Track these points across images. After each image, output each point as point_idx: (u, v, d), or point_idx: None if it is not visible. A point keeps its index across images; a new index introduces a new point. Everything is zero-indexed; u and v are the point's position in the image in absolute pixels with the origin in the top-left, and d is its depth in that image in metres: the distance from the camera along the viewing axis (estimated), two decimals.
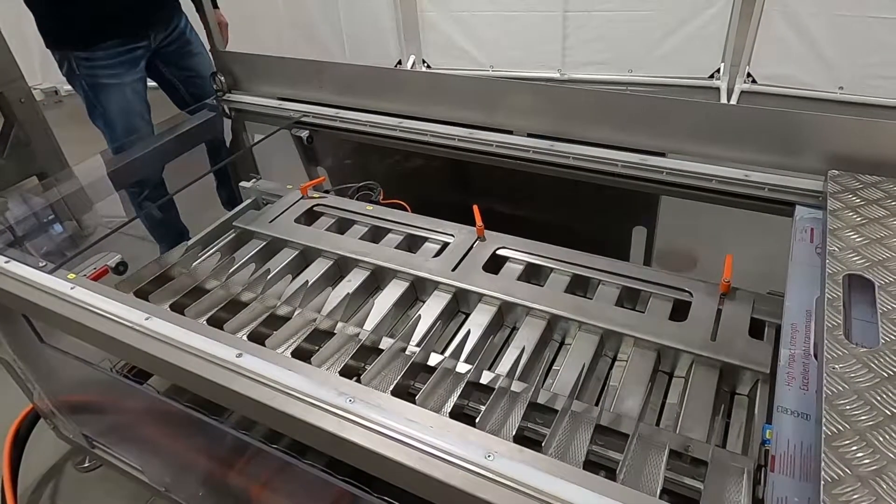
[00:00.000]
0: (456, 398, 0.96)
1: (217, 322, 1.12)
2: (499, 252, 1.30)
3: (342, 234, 1.43)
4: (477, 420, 0.88)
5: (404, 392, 1.00)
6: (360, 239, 1.40)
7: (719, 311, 1.10)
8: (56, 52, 1.81)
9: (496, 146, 1.43)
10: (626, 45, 3.65)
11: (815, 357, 0.83)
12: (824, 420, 0.68)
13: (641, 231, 1.43)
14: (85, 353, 1.23)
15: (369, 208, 1.48)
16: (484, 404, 0.92)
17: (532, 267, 1.29)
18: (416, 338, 1.11)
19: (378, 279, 1.32)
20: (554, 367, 1.11)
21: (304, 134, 1.67)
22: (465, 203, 1.39)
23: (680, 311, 1.13)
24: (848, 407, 0.69)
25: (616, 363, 1.11)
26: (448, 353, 1.04)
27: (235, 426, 1.07)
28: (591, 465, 0.91)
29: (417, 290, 1.29)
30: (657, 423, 0.99)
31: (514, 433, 0.88)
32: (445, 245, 1.33)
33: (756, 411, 0.95)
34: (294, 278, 1.29)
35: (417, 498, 0.76)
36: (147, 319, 0.97)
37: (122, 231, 1.44)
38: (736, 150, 1.27)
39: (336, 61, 1.68)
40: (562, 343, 1.17)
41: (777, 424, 0.76)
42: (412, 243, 1.41)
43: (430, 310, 1.19)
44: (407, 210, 1.54)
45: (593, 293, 1.22)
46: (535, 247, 1.30)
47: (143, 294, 1.18)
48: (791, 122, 1.20)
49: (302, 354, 1.06)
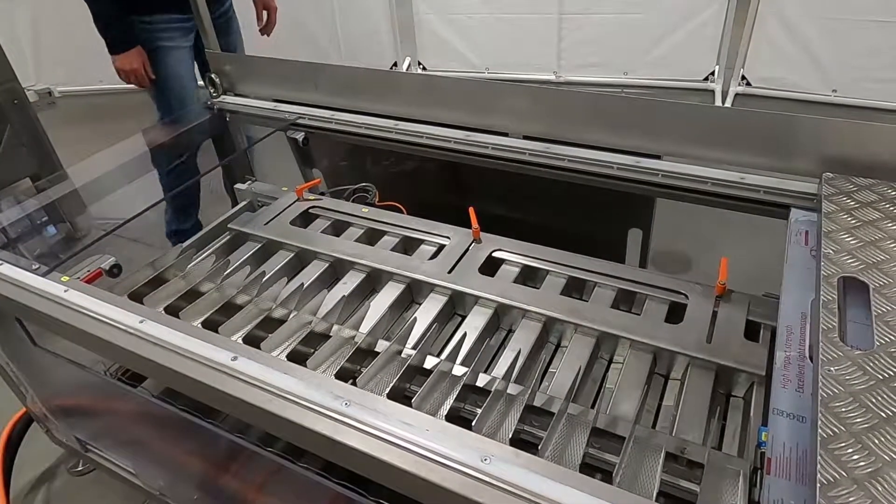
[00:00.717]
0: (452, 401, 0.95)
1: (212, 325, 1.11)
2: (495, 254, 1.30)
3: (338, 236, 1.43)
4: (473, 423, 0.88)
5: (400, 395, 1.00)
6: (356, 241, 1.40)
7: (715, 314, 1.10)
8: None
9: (492, 148, 1.43)
10: (621, 48, 3.66)
11: (811, 359, 0.83)
12: (820, 422, 0.68)
13: (637, 233, 1.43)
14: (78, 356, 1.22)
15: (365, 210, 1.48)
16: (480, 407, 0.92)
17: (528, 269, 1.29)
18: (412, 340, 1.11)
19: (374, 282, 1.31)
20: (550, 370, 1.11)
21: (300, 136, 1.66)
22: (461, 205, 1.39)
23: (675, 314, 1.13)
24: (843, 409, 0.69)
25: (612, 366, 1.11)
26: (444, 356, 1.04)
27: (230, 429, 1.07)
28: (588, 467, 0.91)
29: (413, 293, 1.28)
30: (653, 426, 0.99)
31: (510, 436, 0.88)
32: (441, 247, 1.33)
33: (752, 414, 0.95)
34: (289, 281, 1.29)
35: (414, 502, 0.76)
36: (141, 322, 0.96)
37: (117, 233, 1.43)
38: (731, 153, 1.27)
39: (331, 63, 1.68)
40: (558, 345, 1.17)
41: (773, 427, 0.76)
42: (408, 245, 1.40)
43: (426, 312, 1.19)
44: (403, 212, 1.54)
45: (589, 295, 1.22)
46: (531, 249, 1.30)
47: (137, 297, 1.18)
48: (786, 125, 1.20)
49: (297, 357, 1.05)
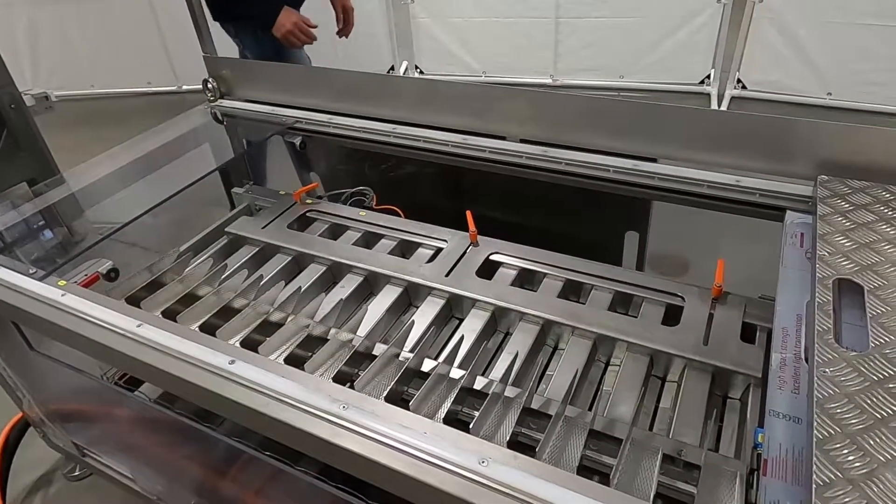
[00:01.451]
0: (450, 404, 0.95)
1: (209, 329, 1.11)
2: (492, 257, 1.30)
3: (335, 239, 1.43)
4: (471, 426, 0.88)
5: (398, 398, 1.00)
6: (354, 245, 1.40)
7: (711, 316, 1.10)
8: (234, 26, 2.20)
9: (489, 152, 1.43)
10: (618, 52, 3.67)
11: (806, 361, 0.84)
12: (815, 424, 0.68)
13: (634, 236, 1.44)
14: (75, 360, 1.22)
15: (362, 214, 1.48)
16: (478, 410, 0.92)
17: (525, 272, 1.29)
18: (410, 344, 1.11)
19: (371, 285, 1.32)
20: (547, 373, 1.12)
21: (297, 140, 1.67)
22: (459, 209, 1.39)
23: (672, 316, 1.13)
24: (839, 410, 0.69)
25: (609, 368, 1.11)
26: (441, 359, 1.04)
27: (228, 433, 1.07)
28: (585, 470, 0.91)
29: (411, 296, 1.29)
30: (650, 428, 0.99)
31: (507, 438, 0.88)
32: (439, 251, 1.33)
33: (748, 415, 0.95)
34: (287, 284, 1.29)
35: None
36: (139, 326, 0.96)
37: (114, 237, 1.43)
38: (727, 156, 1.28)
39: (328, 67, 1.68)
40: (555, 348, 1.17)
41: (769, 428, 0.76)
42: (405, 249, 1.41)
43: (424, 315, 1.19)
44: (400, 216, 1.54)
45: (586, 298, 1.22)
46: (529, 252, 1.31)
47: (134, 301, 1.18)
48: (782, 128, 1.21)
49: (295, 361, 1.06)
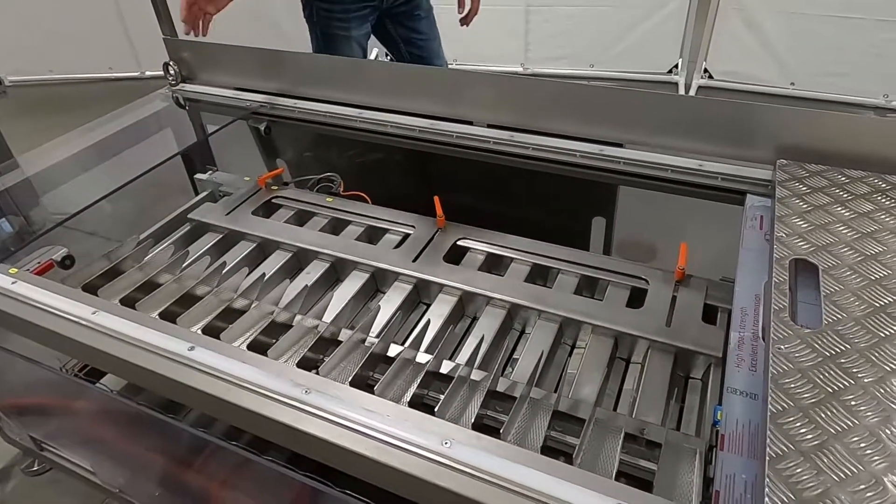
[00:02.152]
0: (415, 388, 0.95)
1: (170, 316, 1.09)
2: (459, 243, 1.30)
3: (301, 226, 1.41)
4: (436, 409, 0.88)
5: (363, 383, 0.99)
6: (320, 231, 1.38)
7: (674, 298, 1.12)
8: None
9: (456, 137, 1.43)
10: (588, 41, 3.69)
11: (763, 339, 0.85)
12: (770, 398, 0.70)
13: (601, 221, 1.45)
14: (32, 352, 1.18)
15: (329, 200, 1.46)
16: (444, 394, 0.92)
17: (492, 257, 1.29)
18: (376, 329, 1.10)
19: (338, 271, 1.30)
20: (514, 356, 1.12)
21: (262, 125, 1.63)
22: (427, 194, 1.38)
23: (637, 299, 1.15)
24: (792, 385, 0.71)
25: (575, 351, 1.12)
26: (408, 344, 1.03)
27: (193, 424, 1.05)
28: (550, 450, 0.92)
29: (378, 282, 1.28)
30: (614, 409, 1.00)
31: (472, 421, 0.88)
32: (406, 236, 1.33)
33: (709, 394, 0.97)
34: (251, 272, 1.27)
35: (381, 490, 0.75)
36: (94, 314, 0.94)
37: (73, 226, 1.39)
38: (690, 141, 1.29)
39: (296, 52, 1.65)
40: (522, 332, 1.18)
41: (727, 405, 0.78)
42: (372, 235, 1.39)
43: (391, 301, 1.18)
44: (368, 202, 1.53)
45: (553, 282, 1.23)
46: (496, 237, 1.31)
47: (91, 289, 1.14)
48: (743, 113, 1.23)
49: (259, 347, 1.04)
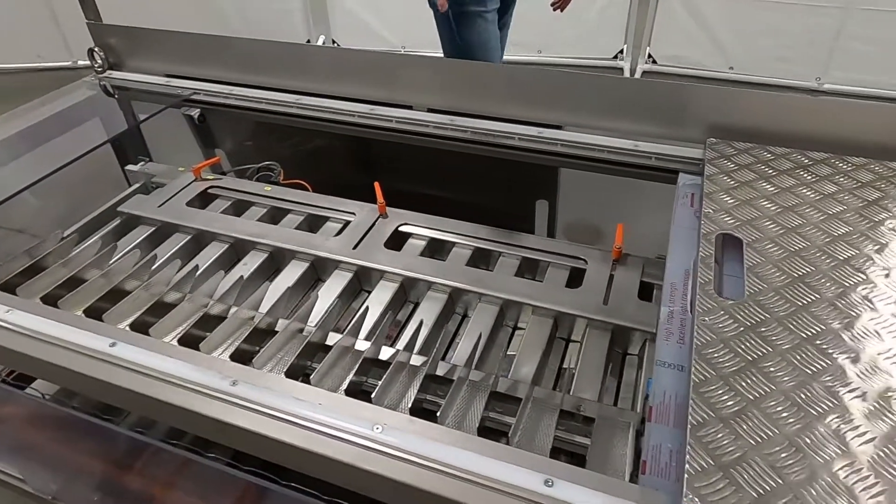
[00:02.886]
0: (352, 376, 0.94)
1: (96, 313, 1.04)
2: (401, 229, 1.29)
3: (238, 216, 1.37)
4: (373, 395, 0.87)
5: (301, 373, 0.97)
6: (258, 221, 1.34)
7: (612, 277, 1.14)
8: None
9: (396, 122, 1.41)
10: (535, 27, 3.69)
11: (691, 312, 0.87)
12: (693, 369, 0.71)
13: (543, 203, 1.46)
14: None
15: (268, 189, 1.43)
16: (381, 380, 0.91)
17: (435, 242, 1.28)
18: (315, 318, 1.08)
19: (277, 261, 1.27)
20: (456, 340, 1.12)
21: (195, 113, 1.58)
22: (369, 181, 1.36)
23: (576, 279, 1.16)
24: (715, 355, 0.73)
25: (516, 332, 1.13)
26: (346, 332, 1.02)
27: (134, 425, 1.01)
28: (491, 431, 0.92)
29: (318, 271, 1.25)
30: (554, 387, 1.02)
31: (410, 406, 0.87)
32: (347, 224, 1.30)
33: (643, 369, 0.99)
34: (185, 264, 1.22)
35: (323, 482, 0.74)
36: (8, 312, 0.88)
37: None
38: (627, 122, 1.31)
39: (230, 36, 1.59)
40: (464, 316, 1.18)
41: (656, 377, 0.79)
42: (313, 223, 1.37)
43: (330, 289, 1.16)
44: (308, 190, 1.49)
45: (494, 266, 1.23)
46: (438, 222, 1.30)
47: (9, 287, 1.08)
48: (675, 95, 1.25)
49: (192, 341, 1.00)
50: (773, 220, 0.96)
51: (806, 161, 1.11)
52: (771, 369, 0.71)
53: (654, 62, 3.67)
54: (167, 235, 1.31)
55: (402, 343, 1.06)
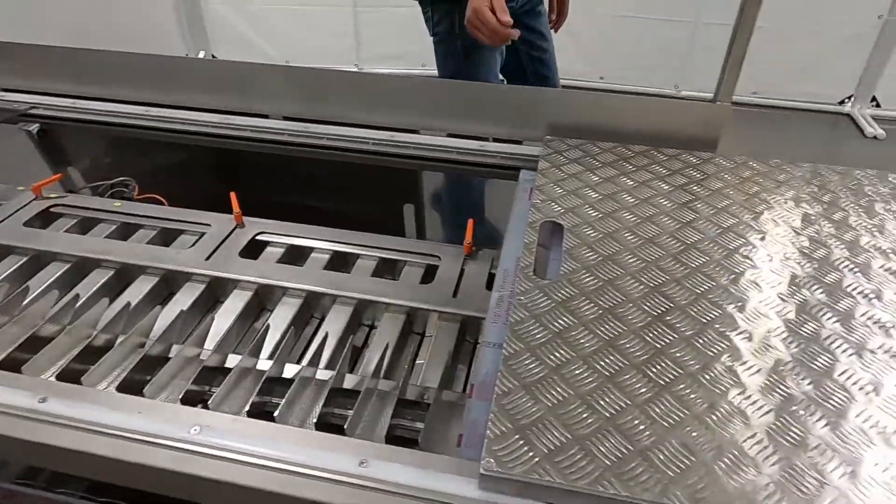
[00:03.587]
0: (189, 385, 0.91)
1: None
2: (258, 237, 1.28)
3: (84, 234, 1.30)
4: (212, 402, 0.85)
5: (138, 389, 0.94)
6: (106, 238, 1.28)
7: (463, 271, 1.19)
8: (440, 8, 1.74)
9: (251, 131, 1.40)
10: (419, 40, 3.77)
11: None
12: (505, 344, 0.76)
13: (402, 205, 1.50)
14: None
15: (117, 205, 1.36)
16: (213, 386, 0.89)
17: (293, 249, 1.28)
18: (157, 332, 1.05)
19: (125, 278, 1.22)
20: (313, 343, 1.12)
21: (34, 128, 1.48)
22: (227, 192, 1.34)
23: (430, 275, 1.20)
24: (525, 330, 0.78)
25: (373, 331, 1.15)
26: (186, 343, 0.99)
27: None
28: (335, 428, 0.93)
29: (170, 284, 1.21)
30: (405, 379, 1.04)
31: (247, 410, 0.87)
32: (202, 235, 1.27)
33: None
34: (19, 287, 1.14)
35: None
36: None
37: None
38: (478, 124, 1.38)
39: (73, 46, 1.52)
40: (322, 319, 1.18)
41: (481, 357, 0.83)
42: (166, 237, 1.32)
43: (178, 303, 1.13)
44: (164, 204, 1.44)
45: (352, 268, 1.24)
46: (297, 229, 1.30)
47: None
48: (521, 98, 1.34)
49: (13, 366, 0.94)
50: (594, 207, 1.04)
51: (628, 153, 1.22)
52: (573, 338, 0.77)
53: None
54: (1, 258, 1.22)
55: (247, 350, 1.04)
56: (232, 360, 0.99)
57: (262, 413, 0.91)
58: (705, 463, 0.63)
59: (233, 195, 1.32)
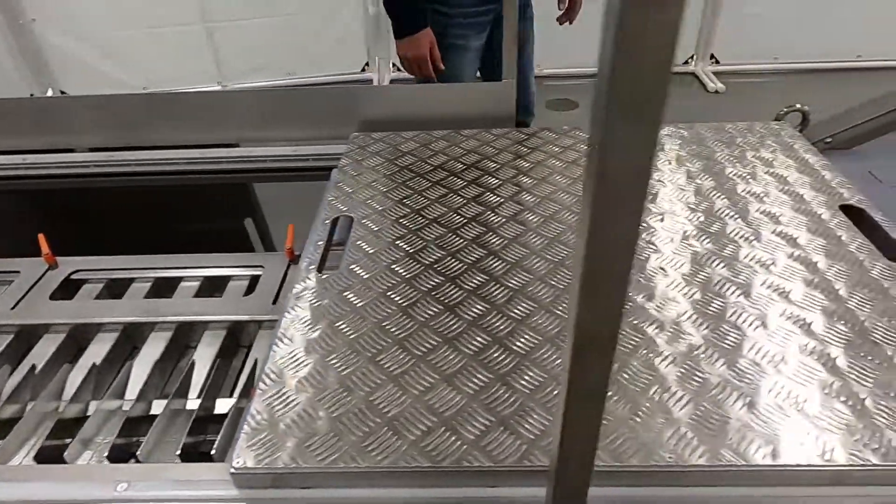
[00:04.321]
0: None
1: None
2: (73, 276, 1.23)
3: None
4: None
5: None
6: None
7: (286, 276, 1.19)
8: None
9: (54, 167, 1.34)
10: (281, 50, 3.74)
11: None
12: (275, 343, 0.78)
13: (228, 220, 1.49)
14: None
15: None
16: None
17: (113, 282, 1.24)
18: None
19: None
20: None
21: None
22: (45, 233, 1.28)
23: (254, 286, 1.20)
24: (300, 325, 0.81)
25: (196, 351, 1.14)
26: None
27: None
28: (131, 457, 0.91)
29: None
30: (219, 393, 1.03)
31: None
32: (10, 284, 1.21)
33: None
34: None
35: None
36: None
37: None
38: (296, 130, 1.39)
39: None
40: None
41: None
42: None
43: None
44: None
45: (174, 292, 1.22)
46: (117, 261, 1.26)
47: None
48: (333, 97, 1.35)
49: None
50: (387, 196, 1.08)
51: (430, 139, 1.26)
52: (345, 327, 0.80)
53: (399, 70, 3.90)
54: None
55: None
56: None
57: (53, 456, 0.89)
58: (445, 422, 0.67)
59: (41, 236, 1.27)
